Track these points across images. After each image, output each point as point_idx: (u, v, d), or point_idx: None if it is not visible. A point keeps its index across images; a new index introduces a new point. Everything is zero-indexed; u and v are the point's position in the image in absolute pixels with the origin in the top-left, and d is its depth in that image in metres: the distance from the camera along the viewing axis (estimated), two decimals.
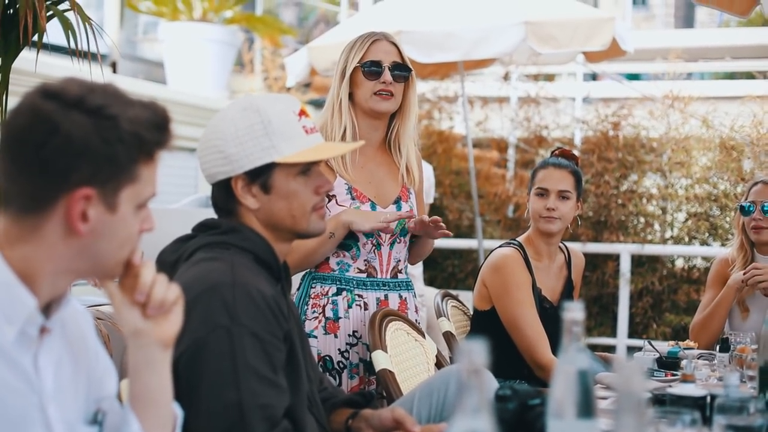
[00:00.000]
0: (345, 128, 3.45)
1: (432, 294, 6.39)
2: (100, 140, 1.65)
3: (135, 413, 1.83)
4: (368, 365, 3.39)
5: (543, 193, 3.95)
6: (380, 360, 3.23)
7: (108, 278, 1.79)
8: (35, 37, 3.67)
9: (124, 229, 1.73)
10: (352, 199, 3.43)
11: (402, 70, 3.49)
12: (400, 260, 3.55)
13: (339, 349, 3.42)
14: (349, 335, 3.43)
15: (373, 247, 3.46)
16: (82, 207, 1.66)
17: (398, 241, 3.52)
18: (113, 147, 1.67)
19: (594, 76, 11.08)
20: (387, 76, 3.44)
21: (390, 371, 3.21)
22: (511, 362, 3.80)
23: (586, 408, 1.65)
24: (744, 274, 4.12)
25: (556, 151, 4.15)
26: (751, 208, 4.22)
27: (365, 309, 3.44)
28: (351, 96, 3.50)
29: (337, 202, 3.42)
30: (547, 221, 3.94)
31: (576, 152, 7.47)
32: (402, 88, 3.50)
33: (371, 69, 3.45)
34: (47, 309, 1.72)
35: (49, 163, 1.64)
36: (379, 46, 3.49)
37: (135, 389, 1.85)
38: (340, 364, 3.41)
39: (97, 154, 1.66)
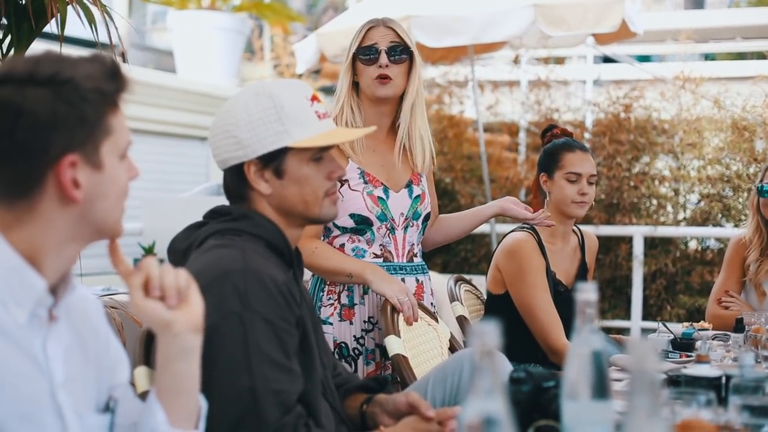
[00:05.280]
0: (356, 112, 3.49)
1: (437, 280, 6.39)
2: (66, 105, 1.65)
3: (162, 403, 1.82)
4: (384, 351, 3.39)
5: (575, 179, 3.94)
6: (393, 345, 3.23)
7: (112, 237, 1.78)
8: (53, 27, 3.65)
9: (117, 184, 1.74)
10: (365, 183, 3.44)
11: (399, 53, 3.48)
12: (413, 243, 3.56)
13: (354, 336, 3.43)
14: (365, 321, 3.43)
15: (388, 231, 3.47)
16: (71, 175, 1.66)
17: (411, 224, 3.52)
18: (80, 108, 1.66)
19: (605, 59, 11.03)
20: (383, 59, 3.45)
21: (403, 356, 3.22)
22: (525, 346, 3.80)
23: (601, 389, 1.65)
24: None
25: (556, 130, 4.12)
26: None
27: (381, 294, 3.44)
28: (357, 84, 3.53)
29: (350, 187, 3.42)
30: (579, 206, 3.94)
31: (587, 135, 7.44)
32: (402, 69, 3.49)
33: (366, 55, 3.47)
34: (53, 294, 1.73)
35: (26, 145, 1.64)
36: (375, 32, 3.50)
37: (165, 379, 1.83)
38: (356, 350, 3.42)
39: (68, 119, 1.65)
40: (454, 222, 3.80)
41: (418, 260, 3.59)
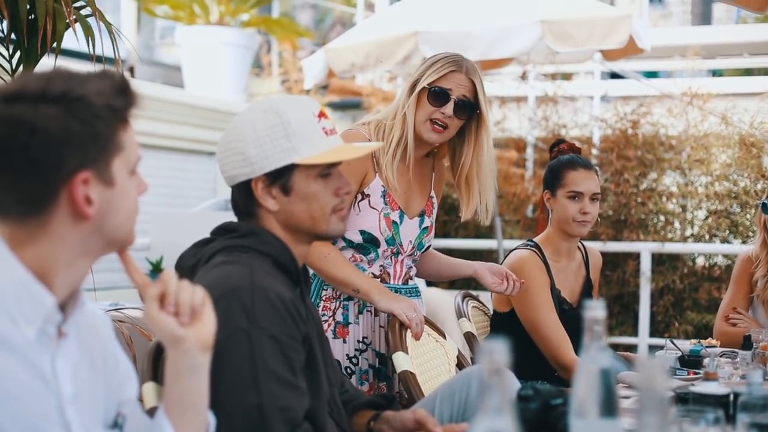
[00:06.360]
0: (405, 140, 3.38)
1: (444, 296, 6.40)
2: (78, 122, 1.65)
3: (171, 419, 1.82)
4: (377, 371, 3.39)
5: (577, 196, 3.91)
6: (401, 362, 3.21)
7: (125, 247, 1.80)
8: (64, 42, 3.66)
9: (128, 199, 1.75)
10: (385, 203, 3.41)
11: (466, 108, 3.38)
12: (411, 267, 3.56)
13: (347, 355, 3.41)
14: (359, 341, 3.42)
15: (392, 255, 3.46)
16: (83, 191, 1.66)
17: (414, 253, 3.53)
18: (92, 124, 1.67)
19: (612, 74, 11.04)
20: (448, 109, 3.35)
21: (411, 373, 3.20)
22: (532, 363, 3.78)
23: (609, 407, 1.64)
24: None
25: (563, 145, 4.10)
26: None
27: (375, 315, 3.43)
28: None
29: (370, 204, 3.41)
30: (581, 225, 3.91)
31: (595, 151, 7.42)
32: (459, 124, 3.40)
33: (436, 95, 3.36)
34: (62, 310, 1.73)
35: (39, 162, 1.64)
36: (455, 77, 3.37)
37: (173, 395, 1.84)
38: (348, 369, 3.40)
39: (81, 136, 1.66)
40: (434, 264, 3.75)
41: (412, 282, 3.59)
